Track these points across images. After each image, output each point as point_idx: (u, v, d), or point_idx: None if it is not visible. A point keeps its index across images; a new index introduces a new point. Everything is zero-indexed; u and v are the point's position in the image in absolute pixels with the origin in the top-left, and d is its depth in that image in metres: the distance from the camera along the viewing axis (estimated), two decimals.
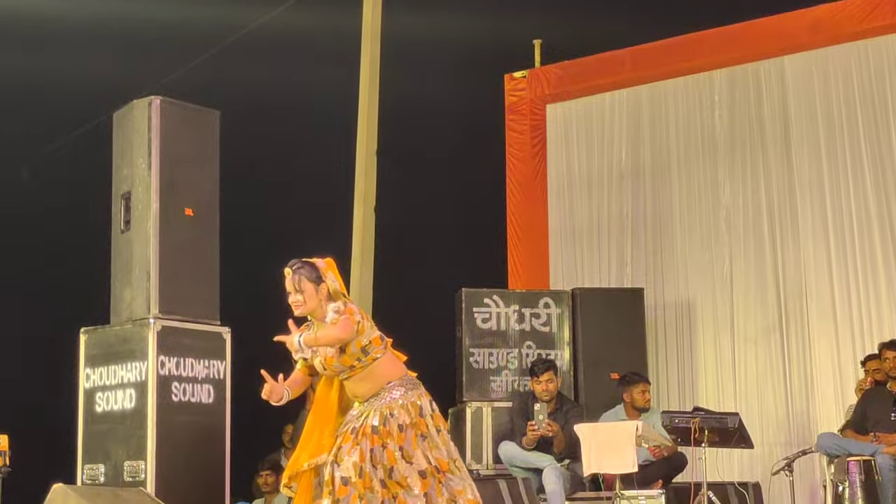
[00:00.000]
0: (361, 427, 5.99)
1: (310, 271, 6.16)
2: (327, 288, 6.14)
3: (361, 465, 5.91)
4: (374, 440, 5.95)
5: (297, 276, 6.13)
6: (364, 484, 5.88)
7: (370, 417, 6.00)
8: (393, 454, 5.95)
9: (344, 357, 6.01)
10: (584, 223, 12.07)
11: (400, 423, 5.99)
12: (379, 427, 5.97)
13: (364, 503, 5.88)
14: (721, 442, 8.79)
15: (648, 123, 11.94)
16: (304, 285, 6.12)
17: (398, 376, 6.14)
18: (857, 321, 10.62)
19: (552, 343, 10.44)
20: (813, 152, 11.03)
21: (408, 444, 5.99)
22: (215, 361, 8.03)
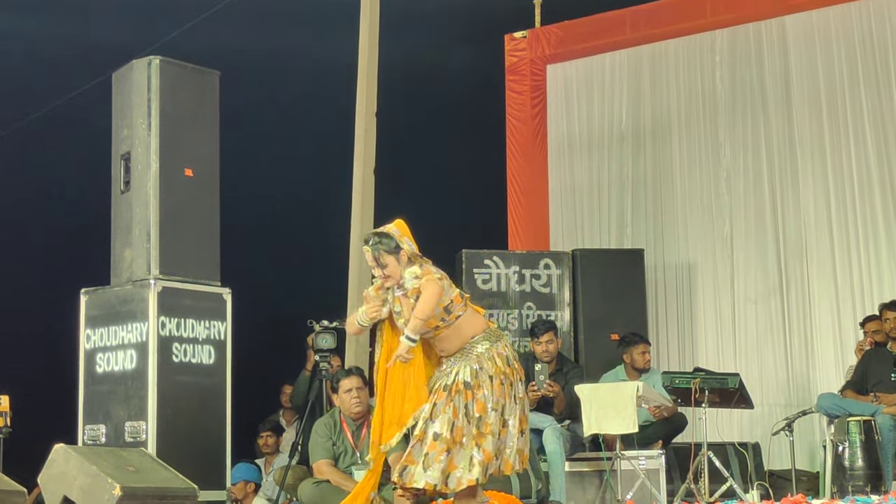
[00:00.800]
0: (454, 383, 6.14)
1: (387, 243, 6.23)
2: (406, 254, 6.23)
3: (454, 420, 6.08)
4: (468, 395, 6.10)
5: (377, 252, 6.21)
6: (455, 439, 6.05)
7: (461, 373, 6.15)
8: (483, 405, 6.11)
9: (428, 320, 6.11)
10: (584, 184, 12.05)
11: (490, 375, 6.14)
12: (471, 382, 6.12)
13: (451, 457, 6.04)
14: (721, 402, 8.80)
15: (649, 84, 11.91)
16: (385, 259, 6.21)
17: (481, 330, 6.28)
18: (858, 282, 10.62)
19: (552, 304, 10.45)
20: (814, 113, 11.00)
21: (497, 394, 6.14)
22: (216, 322, 8.04)
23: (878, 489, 7.73)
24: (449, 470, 6.07)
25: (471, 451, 6.07)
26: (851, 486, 7.88)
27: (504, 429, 6.17)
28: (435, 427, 6.07)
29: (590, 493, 8.57)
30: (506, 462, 6.20)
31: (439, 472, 6.05)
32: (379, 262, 6.21)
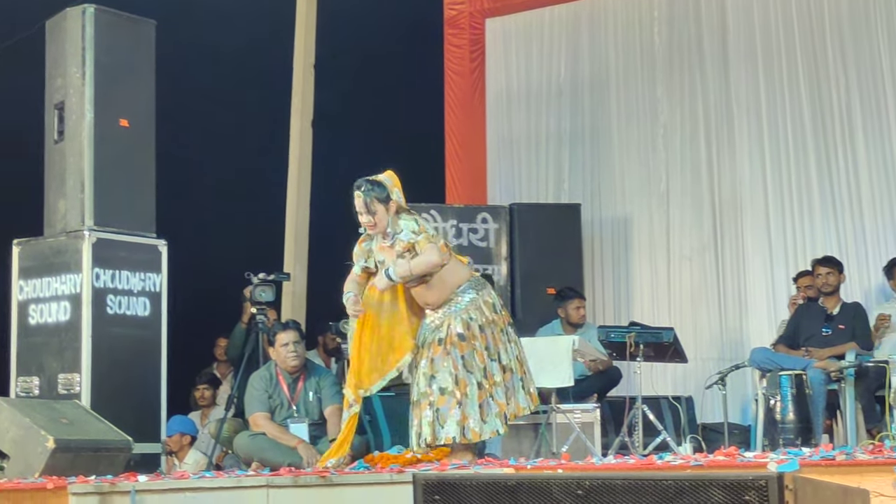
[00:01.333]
0: (448, 336, 6.26)
1: (380, 191, 6.34)
2: (395, 205, 6.36)
3: (455, 372, 6.20)
4: (463, 347, 6.23)
5: (369, 198, 6.31)
6: (460, 390, 6.18)
7: (453, 326, 6.28)
8: (482, 355, 6.25)
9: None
10: (522, 138, 12.06)
11: (480, 324, 6.28)
12: (465, 333, 6.25)
13: (463, 408, 6.17)
14: (656, 356, 8.88)
15: (587, 38, 11.91)
16: (375, 206, 6.32)
17: (466, 279, 6.41)
18: (791, 238, 10.72)
19: (489, 258, 10.47)
20: (750, 70, 11.06)
21: (490, 342, 6.30)
22: (151, 274, 7.99)
23: (808, 442, 7.83)
24: (462, 422, 6.20)
25: (479, 402, 6.22)
26: (782, 440, 7.98)
27: (507, 374, 6.32)
28: (438, 382, 6.21)
29: (525, 446, 8.61)
30: (518, 406, 6.39)
31: (455, 425, 6.20)
32: (369, 208, 6.32)
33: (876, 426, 8.29)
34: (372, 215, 6.31)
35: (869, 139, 10.51)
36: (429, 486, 3.52)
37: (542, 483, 3.37)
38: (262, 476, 5.65)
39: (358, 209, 6.36)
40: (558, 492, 3.33)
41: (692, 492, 3.17)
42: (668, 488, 3.20)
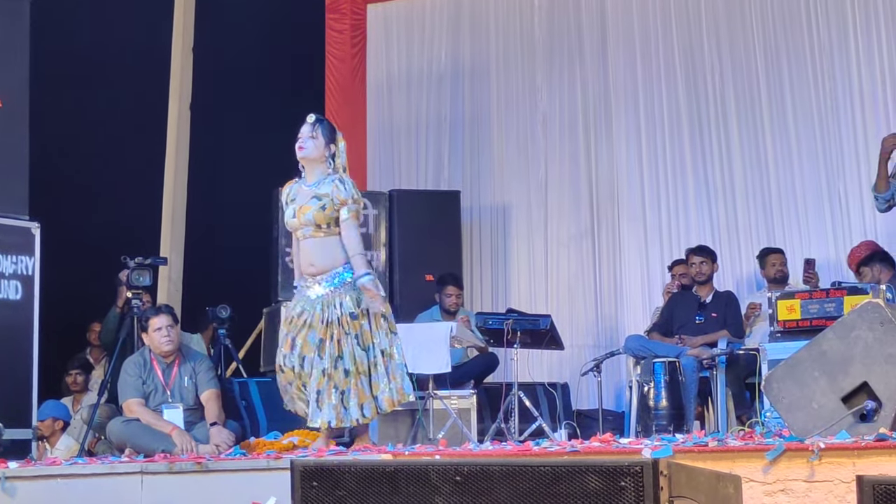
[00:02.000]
0: (343, 316, 6.32)
1: (329, 129, 6.61)
2: (335, 150, 6.57)
3: (353, 352, 6.29)
4: (356, 326, 6.33)
5: (317, 124, 6.54)
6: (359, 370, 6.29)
7: (346, 304, 6.33)
8: (370, 336, 6.35)
9: (319, 214, 6.39)
10: (402, 124, 12.05)
11: (351, 312, 6.32)
12: (357, 312, 6.33)
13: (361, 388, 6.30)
14: (532, 343, 8.96)
15: (468, 26, 11.93)
16: (319, 135, 6.53)
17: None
18: (665, 226, 10.87)
19: (368, 244, 10.43)
20: (628, 59, 11.18)
21: (360, 331, 6.35)
22: (23, 257, 7.84)
23: (680, 428, 7.96)
24: (361, 401, 6.30)
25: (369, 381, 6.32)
26: (655, 426, 8.11)
27: (385, 359, 6.40)
28: (345, 363, 6.27)
29: (402, 431, 8.62)
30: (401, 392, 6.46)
31: (357, 408, 6.28)
32: (313, 133, 6.52)
33: (746, 413, 8.46)
34: (311, 139, 6.51)
35: (742, 130, 10.69)
36: (306, 472, 3.51)
37: (421, 469, 3.38)
38: (136, 462, 5.60)
39: (301, 132, 6.55)
40: (437, 478, 3.34)
41: (569, 478, 3.20)
42: (546, 474, 3.23)
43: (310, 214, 6.43)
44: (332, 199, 6.42)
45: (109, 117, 10.71)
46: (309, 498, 3.49)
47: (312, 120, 6.56)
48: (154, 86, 11.18)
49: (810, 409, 5.09)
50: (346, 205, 6.43)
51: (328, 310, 6.34)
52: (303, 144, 6.54)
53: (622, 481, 3.13)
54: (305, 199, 6.49)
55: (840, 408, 5.03)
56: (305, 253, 6.50)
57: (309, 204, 6.45)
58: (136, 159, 11.05)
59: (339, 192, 6.44)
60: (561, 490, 3.20)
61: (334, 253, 6.44)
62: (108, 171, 10.58)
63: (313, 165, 6.57)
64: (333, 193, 6.44)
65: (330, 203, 6.41)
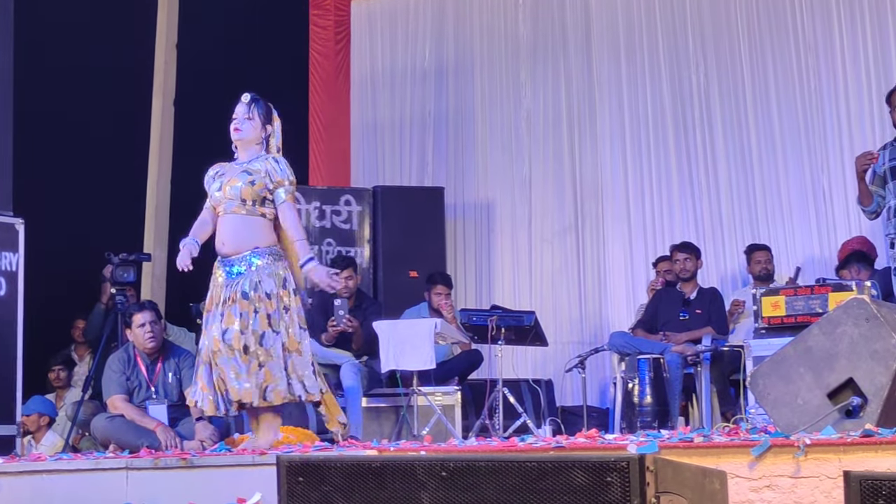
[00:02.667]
0: (232, 294, 6.09)
1: (265, 108, 6.38)
2: (271, 131, 6.37)
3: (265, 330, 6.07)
4: (244, 305, 6.07)
5: (253, 105, 6.33)
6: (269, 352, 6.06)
7: (265, 283, 6.11)
8: (264, 320, 6.08)
9: (248, 188, 6.18)
10: (386, 121, 12.05)
11: (267, 292, 6.10)
12: (249, 293, 6.07)
13: (221, 368, 6.06)
14: (517, 340, 8.95)
15: (452, 23, 11.94)
16: (255, 115, 6.33)
17: (267, 243, 6.22)
18: (650, 222, 10.89)
19: (352, 240, 10.46)
20: (612, 56, 11.20)
21: (275, 314, 6.12)
22: (7, 253, 7.81)
23: (665, 425, 7.96)
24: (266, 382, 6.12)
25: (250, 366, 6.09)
26: (640, 422, 8.11)
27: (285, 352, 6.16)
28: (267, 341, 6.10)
29: (386, 428, 8.63)
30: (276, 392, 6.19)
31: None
32: (248, 114, 6.32)
33: (731, 409, 8.48)
34: (247, 119, 6.32)
35: (727, 126, 10.72)
36: (292, 467, 3.51)
37: (407, 465, 3.38)
38: (121, 458, 5.59)
39: (236, 113, 6.36)
40: (423, 474, 3.34)
41: (555, 473, 3.20)
42: (532, 469, 3.23)
43: (238, 188, 6.19)
44: (267, 175, 6.19)
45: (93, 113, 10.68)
46: (295, 493, 3.49)
47: (247, 100, 6.34)
48: (138, 81, 11.15)
49: (796, 405, 5.10)
50: (282, 185, 6.21)
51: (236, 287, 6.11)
52: (238, 126, 6.33)
53: (608, 477, 3.14)
54: (235, 173, 6.26)
55: (826, 404, 5.04)
56: (220, 230, 6.27)
57: (238, 178, 6.23)
58: (121, 155, 11.02)
59: (275, 171, 6.22)
60: (547, 486, 3.21)
61: (250, 235, 6.20)
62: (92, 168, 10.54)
63: (248, 146, 6.34)
64: (268, 170, 6.20)
65: (261, 180, 6.18)
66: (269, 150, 6.36)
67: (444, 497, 3.31)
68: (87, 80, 10.68)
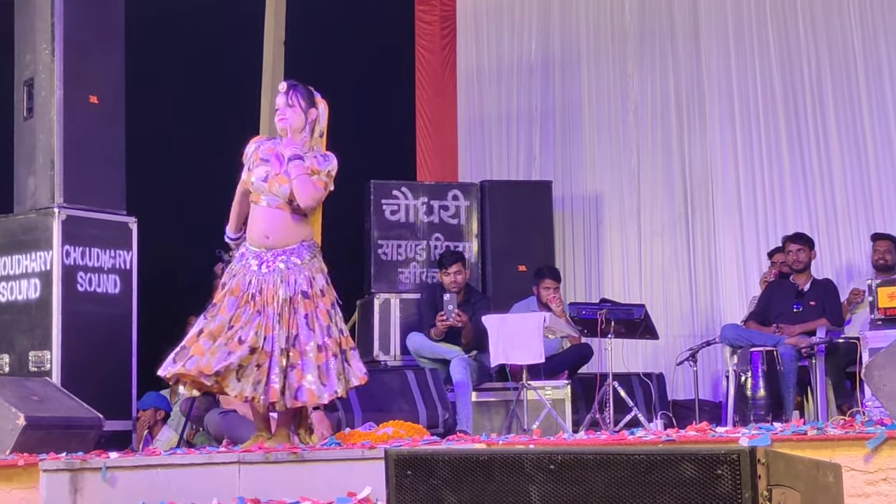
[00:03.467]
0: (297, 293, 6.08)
1: (305, 92, 6.26)
2: (316, 115, 6.26)
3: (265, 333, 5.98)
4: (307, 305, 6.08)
5: (293, 92, 6.22)
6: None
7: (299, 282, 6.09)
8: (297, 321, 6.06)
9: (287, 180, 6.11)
10: (493, 115, 12.04)
11: (304, 291, 6.09)
12: (309, 291, 6.09)
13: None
14: (627, 333, 8.89)
15: (559, 14, 11.89)
16: (296, 101, 6.22)
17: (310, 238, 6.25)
18: (762, 213, 10.76)
19: (460, 235, 10.46)
20: (721, 46, 11.07)
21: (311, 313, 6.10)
22: (121, 251, 7.94)
23: (779, 418, 7.86)
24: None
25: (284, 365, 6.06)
26: (753, 416, 8.01)
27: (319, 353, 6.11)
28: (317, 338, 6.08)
29: (496, 422, 8.63)
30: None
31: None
32: (289, 102, 6.22)
33: (846, 402, 8.34)
34: (289, 107, 6.22)
35: (840, 115, 10.55)
36: (401, 461, 3.52)
37: (515, 458, 3.37)
38: (233, 452, 5.65)
39: (277, 104, 6.27)
40: (531, 467, 3.32)
41: (664, 466, 3.16)
42: (640, 462, 3.20)
43: (286, 188, 6.14)
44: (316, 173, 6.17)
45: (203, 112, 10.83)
46: (403, 487, 3.50)
47: (285, 88, 6.25)
48: (247, 79, 11.27)
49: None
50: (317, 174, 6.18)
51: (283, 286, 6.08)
52: (282, 115, 6.23)
53: (719, 469, 3.10)
54: (281, 169, 6.19)
55: None
56: (261, 222, 6.22)
57: (286, 177, 6.16)
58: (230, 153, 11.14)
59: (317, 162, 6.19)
60: (656, 478, 3.17)
61: (296, 230, 6.20)
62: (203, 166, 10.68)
63: (294, 134, 6.25)
64: (320, 166, 6.20)
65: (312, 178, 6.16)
66: (312, 136, 6.30)
67: (553, 490, 3.29)
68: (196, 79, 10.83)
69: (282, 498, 5.13)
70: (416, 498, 3.46)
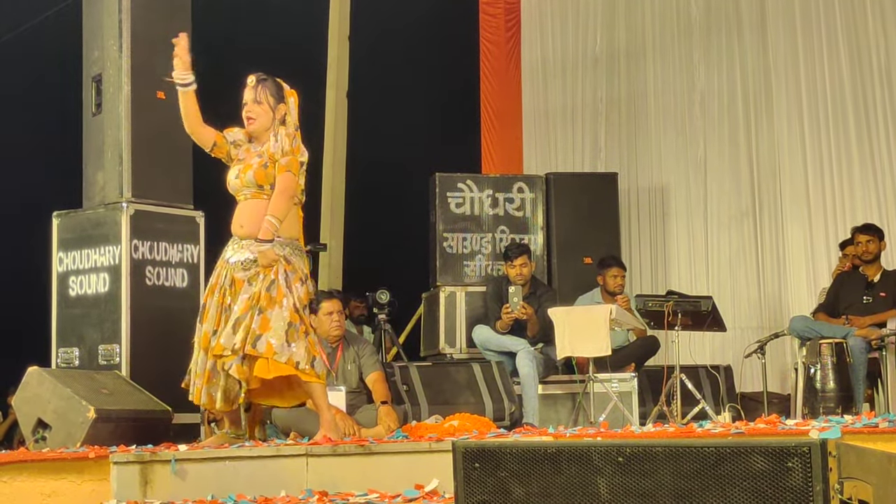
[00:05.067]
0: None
1: (274, 87, 6.07)
2: (285, 111, 6.06)
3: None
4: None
5: (261, 87, 6.05)
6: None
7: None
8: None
9: (261, 172, 5.98)
10: (558, 107, 12.02)
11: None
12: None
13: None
14: (694, 325, 8.84)
15: (623, 6, 11.84)
16: (263, 99, 6.04)
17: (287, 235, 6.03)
18: (830, 204, 10.66)
19: (526, 228, 10.44)
20: (788, 33, 10.98)
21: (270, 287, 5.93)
22: (189, 245, 8.00)
23: (849, 410, 7.79)
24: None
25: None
26: (823, 408, 7.94)
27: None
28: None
29: (562, 415, 8.62)
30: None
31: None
32: (257, 98, 6.03)
33: None
34: (257, 104, 6.03)
35: None
36: (468, 453, 3.52)
37: (583, 450, 3.36)
38: (301, 445, 5.67)
39: (245, 98, 6.09)
40: (599, 459, 3.32)
41: (733, 459, 3.14)
42: (709, 455, 3.18)
43: (250, 174, 6.01)
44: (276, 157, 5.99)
45: None
46: (471, 479, 3.50)
47: (253, 82, 6.04)
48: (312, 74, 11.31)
49: None
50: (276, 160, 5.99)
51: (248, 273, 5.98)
52: (250, 114, 6.03)
53: (789, 462, 3.07)
54: (250, 158, 6.06)
55: None
56: (238, 213, 6.12)
57: (251, 162, 6.04)
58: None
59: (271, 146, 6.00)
60: (726, 471, 3.15)
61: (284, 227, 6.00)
62: None
63: (262, 135, 6.09)
64: (273, 149, 6.00)
65: (270, 165, 6.00)
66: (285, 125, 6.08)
67: (621, 482, 3.28)
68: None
69: (349, 490, 5.14)
70: (484, 490, 3.46)
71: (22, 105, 10.83)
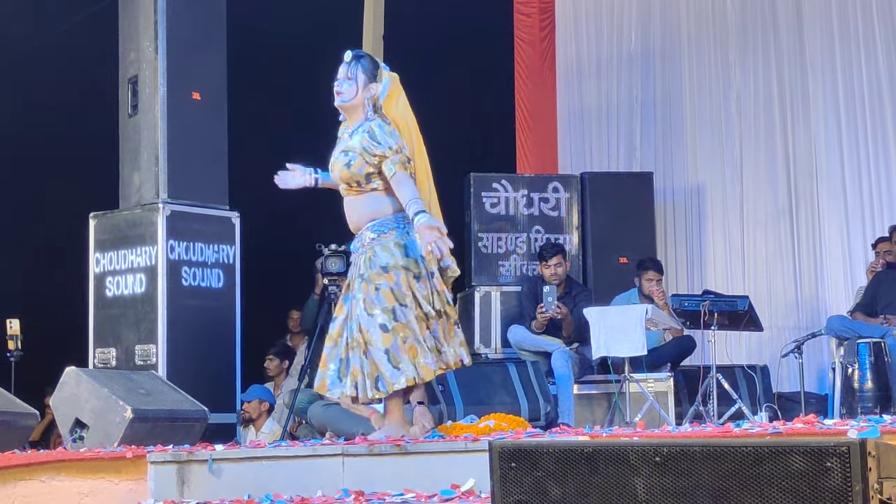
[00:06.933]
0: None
1: (371, 64, 5.83)
2: (377, 91, 5.80)
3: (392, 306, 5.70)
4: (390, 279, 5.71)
5: (356, 63, 5.80)
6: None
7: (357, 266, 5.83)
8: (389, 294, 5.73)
9: (345, 172, 5.79)
10: (593, 107, 11.99)
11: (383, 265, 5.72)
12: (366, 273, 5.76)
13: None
14: (730, 325, 8.81)
15: (658, 5, 11.80)
16: (355, 75, 5.79)
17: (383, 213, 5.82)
18: (868, 203, 10.59)
19: (561, 227, 10.43)
20: (825, 32, 10.91)
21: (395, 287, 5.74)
22: (224, 246, 8.04)
23: (887, 410, 7.73)
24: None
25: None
26: (861, 408, 7.90)
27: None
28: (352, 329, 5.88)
29: (598, 415, 8.61)
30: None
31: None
32: (349, 74, 5.79)
33: None
34: (347, 80, 5.77)
35: None
36: (505, 453, 3.51)
37: (620, 450, 3.35)
38: (337, 444, 5.68)
39: (338, 74, 5.81)
40: (636, 459, 3.31)
41: (772, 458, 3.13)
42: (748, 455, 3.17)
43: (336, 173, 5.82)
44: (364, 153, 5.66)
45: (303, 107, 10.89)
46: (508, 479, 3.49)
47: (349, 58, 5.77)
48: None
49: None
50: (385, 159, 5.65)
51: (353, 268, 5.86)
52: (339, 89, 5.76)
53: (828, 462, 3.05)
54: (338, 153, 5.84)
55: None
56: (346, 211, 5.90)
57: (337, 159, 5.80)
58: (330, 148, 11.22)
59: (373, 146, 5.65)
60: (764, 471, 3.14)
61: (366, 209, 5.78)
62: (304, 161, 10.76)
63: (352, 112, 5.83)
64: (365, 147, 5.66)
65: (358, 158, 5.69)
66: (375, 110, 5.80)
67: (658, 482, 3.27)
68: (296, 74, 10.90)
69: (385, 490, 5.14)
70: (521, 490, 3.46)
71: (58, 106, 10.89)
